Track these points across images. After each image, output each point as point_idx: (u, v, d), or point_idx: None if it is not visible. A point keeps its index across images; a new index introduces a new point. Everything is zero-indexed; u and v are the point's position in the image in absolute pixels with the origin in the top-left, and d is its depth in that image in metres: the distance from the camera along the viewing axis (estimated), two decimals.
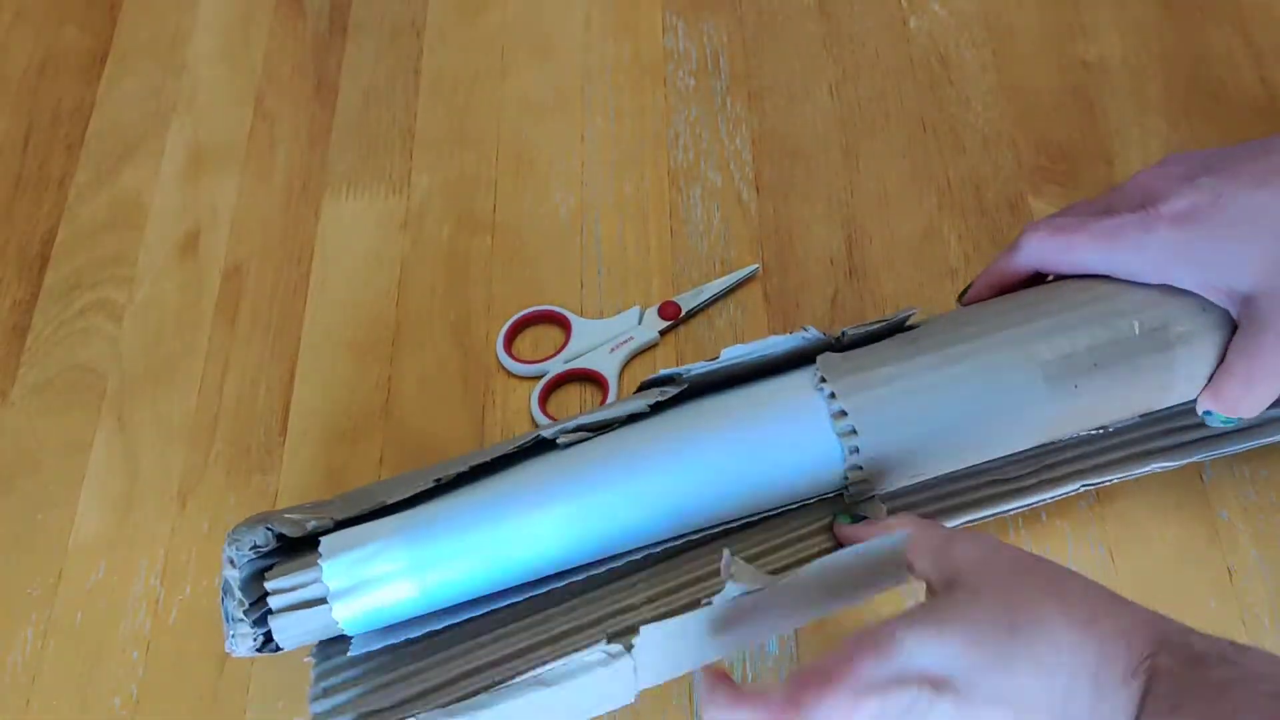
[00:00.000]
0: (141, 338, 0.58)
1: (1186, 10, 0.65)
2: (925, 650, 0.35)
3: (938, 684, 0.35)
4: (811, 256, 0.59)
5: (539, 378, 0.56)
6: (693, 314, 0.57)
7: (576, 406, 0.55)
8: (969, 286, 0.50)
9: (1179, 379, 0.46)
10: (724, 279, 0.58)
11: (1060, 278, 0.48)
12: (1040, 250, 0.47)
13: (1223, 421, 0.46)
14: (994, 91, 0.63)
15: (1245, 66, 0.63)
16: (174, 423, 0.56)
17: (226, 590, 0.43)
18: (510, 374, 0.56)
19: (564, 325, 0.57)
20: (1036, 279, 0.49)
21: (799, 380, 0.46)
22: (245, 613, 0.43)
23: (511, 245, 0.60)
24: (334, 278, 0.60)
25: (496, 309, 0.58)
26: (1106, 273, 0.46)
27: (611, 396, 0.55)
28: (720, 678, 0.38)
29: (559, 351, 0.56)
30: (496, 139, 0.64)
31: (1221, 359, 0.45)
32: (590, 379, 0.56)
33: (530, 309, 0.58)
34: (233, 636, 0.43)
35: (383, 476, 0.54)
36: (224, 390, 0.57)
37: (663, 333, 0.57)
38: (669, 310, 0.57)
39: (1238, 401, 0.45)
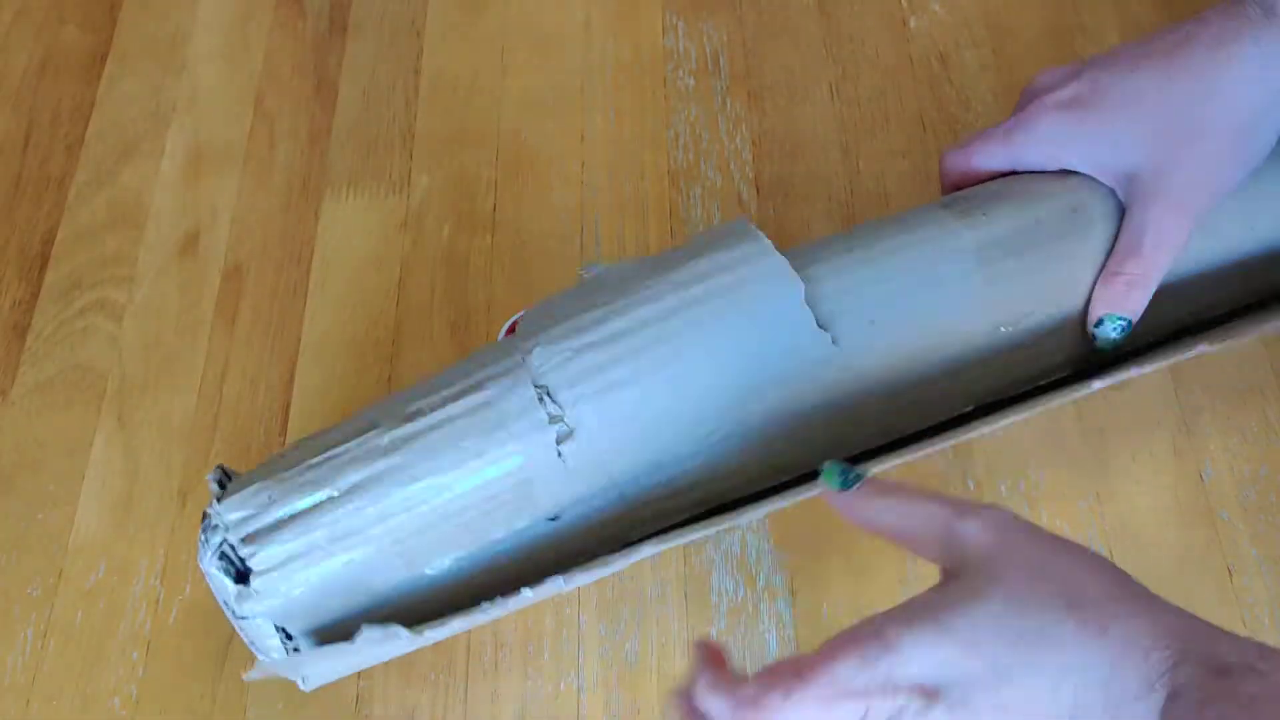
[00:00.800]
0: (141, 337, 0.58)
1: (1185, 8, 0.65)
2: (920, 656, 0.33)
3: (930, 693, 0.32)
4: None
5: None
6: None
7: None
8: None
9: (1096, 254, 0.46)
10: None
11: None
12: (950, 164, 0.50)
13: (1114, 330, 0.46)
14: (994, 91, 0.63)
15: None
16: (174, 422, 0.56)
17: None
18: None
19: None
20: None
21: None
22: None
23: (511, 245, 0.60)
24: (334, 277, 0.60)
25: (496, 309, 0.58)
26: (1010, 168, 0.48)
27: None
28: (713, 657, 0.36)
29: None
30: (496, 139, 0.64)
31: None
32: None
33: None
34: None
35: None
36: (224, 390, 0.57)
37: None
38: None
39: (1128, 289, 0.45)
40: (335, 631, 0.43)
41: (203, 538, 0.42)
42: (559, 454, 0.42)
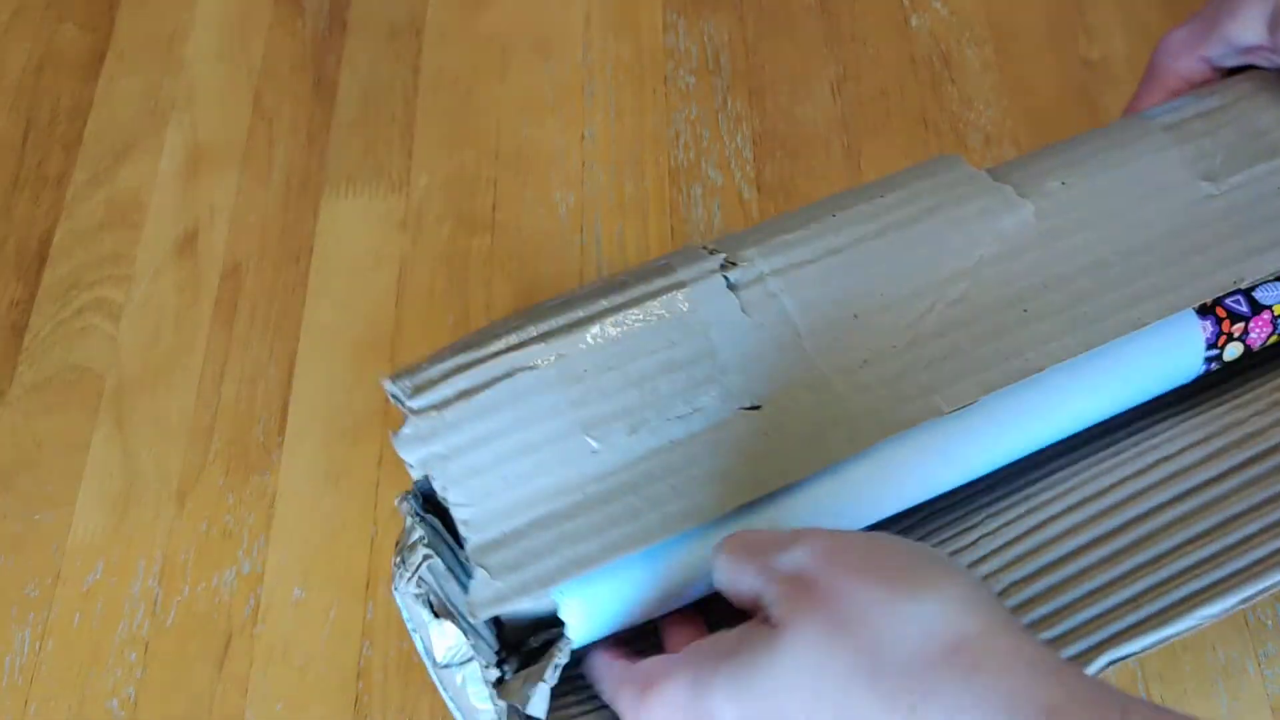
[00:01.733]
0: (140, 337, 0.58)
1: (1189, 9, 0.65)
2: (728, 706, 0.30)
3: None
4: None
5: None
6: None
7: None
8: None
9: None
10: None
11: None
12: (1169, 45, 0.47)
13: None
14: (996, 90, 0.63)
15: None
16: (172, 422, 0.56)
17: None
18: None
19: None
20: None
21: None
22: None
23: (511, 245, 0.60)
24: (333, 277, 0.60)
25: (496, 309, 0.58)
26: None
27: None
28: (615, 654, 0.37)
29: None
30: (496, 138, 0.64)
31: None
32: None
33: None
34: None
35: (381, 477, 0.54)
36: (222, 389, 0.57)
37: None
38: None
39: None
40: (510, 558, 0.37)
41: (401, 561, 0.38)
42: (741, 307, 0.38)
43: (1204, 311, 0.43)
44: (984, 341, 0.39)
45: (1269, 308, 0.43)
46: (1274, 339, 0.44)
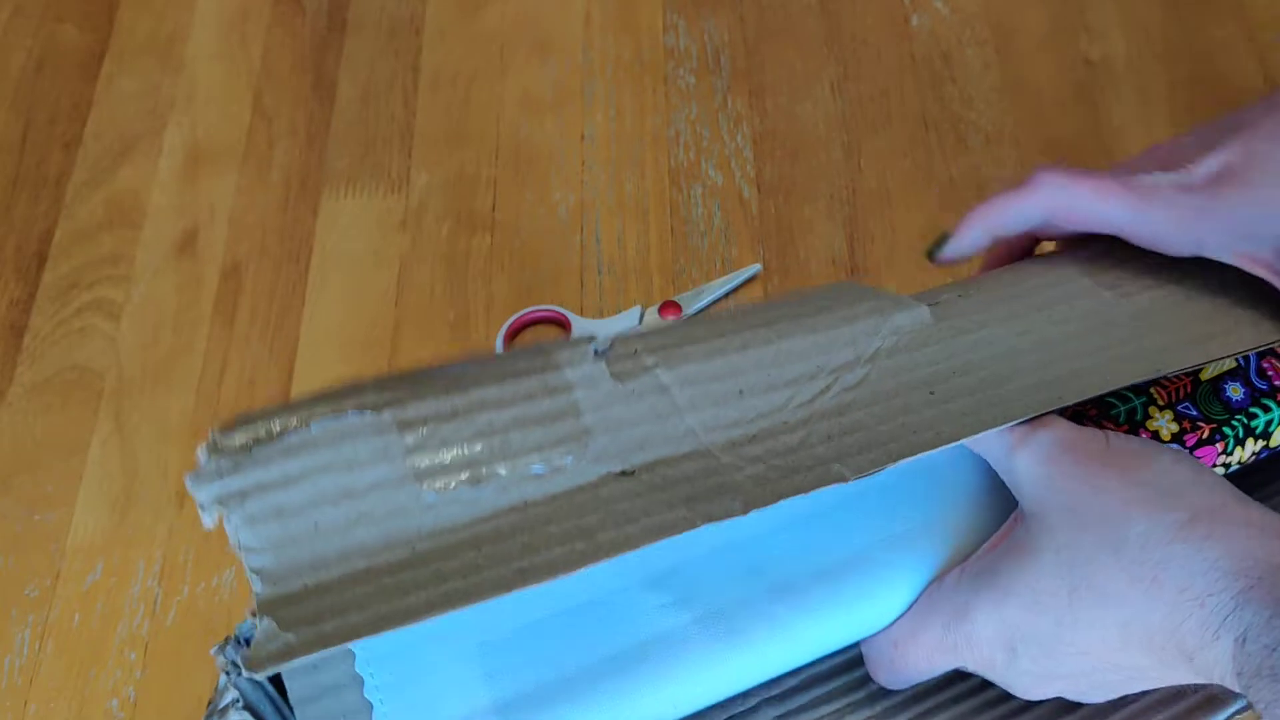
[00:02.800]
0: (139, 337, 0.58)
1: (1189, 8, 0.65)
2: (991, 619, 0.34)
3: (1010, 647, 0.34)
4: (813, 256, 0.58)
5: None
6: (694, 314, 0.57)
7: None
8: (942, 238, 0.42)
9: None
10: (725, 279, 0.57)
11: (1064, 245, 0.44)
12: (1058, 195, 0.40)
13: None
14: (997, 89, 0.63)
15: (1248, 64, 0.63)
16: (172, 422, 0.56)
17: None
18: None
19: (564, 325, 0.57)
20: (1025, 244, 0.44)
21: None
22: None
23: (511, 245, 0.60)
24: (332, 276, 0.60)
25: (496, 309, 0.58)
26: (1129, 232, 0.40)
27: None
28: None
29: None
30: (496, 138, 0.64)
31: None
32: None
33: (530, 309, 0.57)
34: None
35: None
36: (222, 389, 0.56)
37: None
38: (670, 310, 0.57)
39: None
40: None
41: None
42: (611, 374, 0.34)
43: None
44: (889, 419, 0.36)
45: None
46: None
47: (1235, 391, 0.42)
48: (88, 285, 0.60)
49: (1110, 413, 0.40)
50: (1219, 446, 0.42)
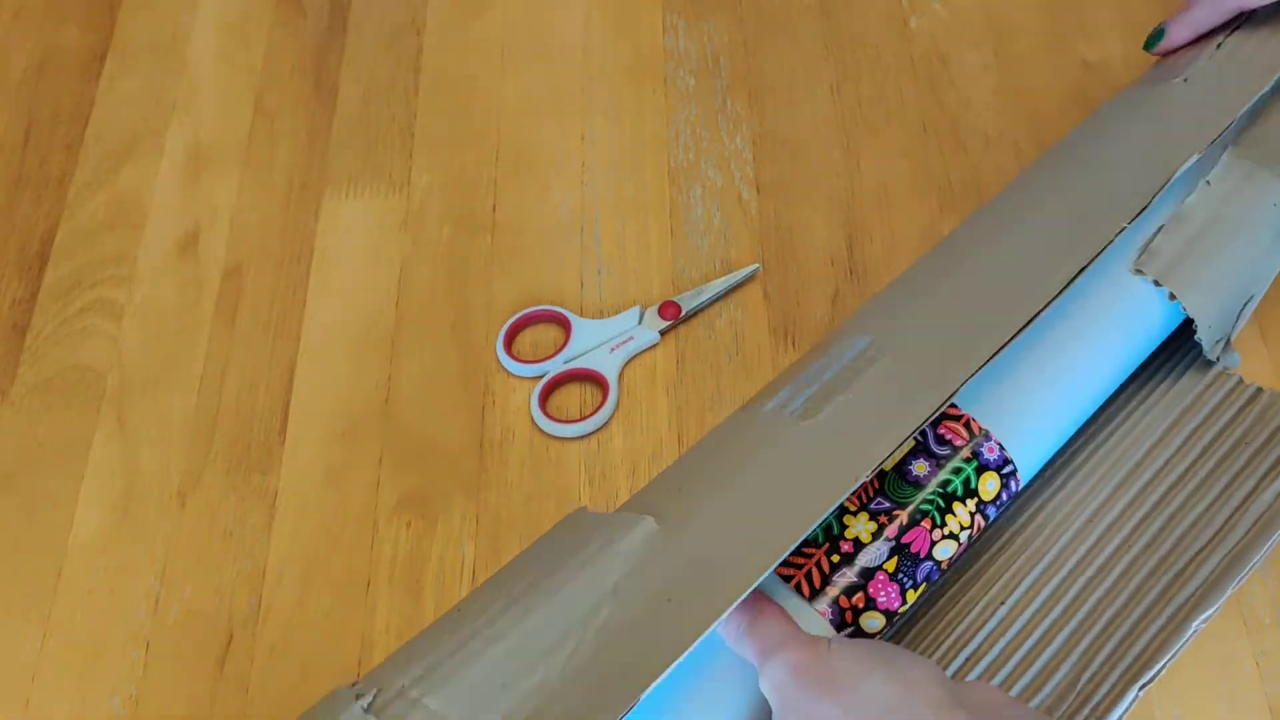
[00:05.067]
0: (141, 337, 0.58)
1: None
2: None
3: None
4: (812, 256, 0.59)
5: (539, 378, 0.56)
6: (693, 314, 0.57)
7: (576, 407, 0.55)
8: (1158, 34, 0.54)
9: None
10: (724, 279, 0.58)
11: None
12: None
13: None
14: (995, 92, 0.63)
15: None
16: (174, 422, 0.56)
17: None
18: (510, 374, 0.56)
19: (564, 325, 0.57)
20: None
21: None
22: None
23: (511, 245, 0.60)
24: (334, 277, 0.60)
25: (496, 309, 0.58)
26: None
27: (611, 396, 0.54)
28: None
29: (559, 351, 0.56)
30: (496, 139, 0.64)
31: None
32: (590, 379, 0.56)
33: (530, 309, 0.58)
34: None
35: (382, 477, 0.54)
36: (224, 389, 0.57)
37: (663, 333, 0.57)
38: (669, 310, 0.57)
39: None
40: None
41: None
42: None
43: (814, 596, 0.42)
44: (636, 637, 0.39)
45: (879, 568, 0.42)
46: (910, 594, 0.43)
47: (920, 468, 0.43)
48: (89, 285, 0.60)
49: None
50: (925, 524, 0.42)
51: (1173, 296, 0.47)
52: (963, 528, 0.43)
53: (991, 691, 0.37)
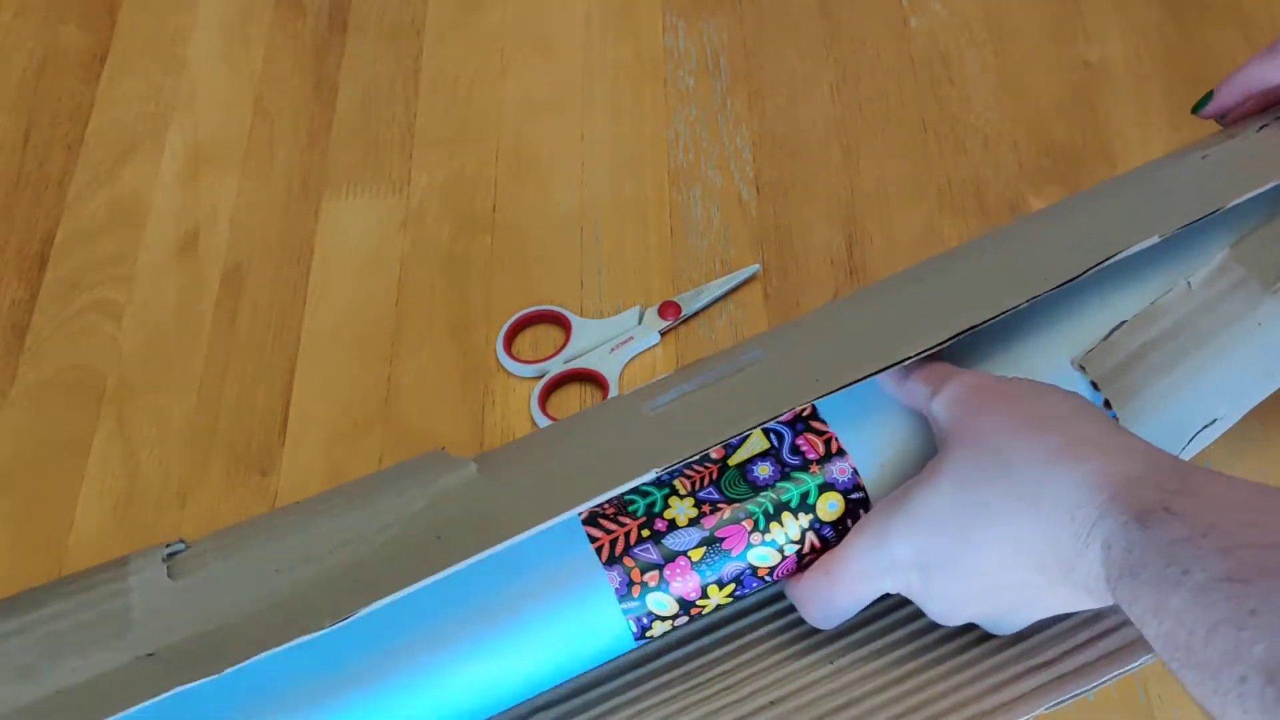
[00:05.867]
0: (141, 337, 0.58)
1: (1187, 10, 0.65)
2: (904, 543, 0.39)
3: (924, 567, 0.38)
4: (812, 256, 0.59)
5: (539, 378, 0.56)
6: (693, 314, 0.57)
7: (576, 407, 0.55)
8: (1207, 96, 0.49)
9: None
10: (724, 279, 0.58)
11: None
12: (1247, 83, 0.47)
13: None
14: (995, 91, 0.63)
15: None
16: (173, 422, 0.56)
17: None
18: (510, 374, 0.56)
19: (564, 325, 0.57)
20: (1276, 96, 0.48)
21: None
22: None
23: (511, 245, 0.60)
24: (334, 277, 0.60)
25: (496, 309, 0.58)
26: None
27: (611, 397, 0.54)
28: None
29: (559, 351, 0.56)
30: (496, 139, 0.64)
31: None
32: (590, 379, 0.56)
33: (530, 309, 0.58)
34: None
35: None
36: (224, 390, 0.57)
37: (663, 333, 0.57)
38: (669, 310, 0.57)
39: None
40: None
41: None
42: (169, 573, 0.42)
43: (610, 562, 0.41)
44: (399, 562, 0.41)
45: (683, 553, 0.42)
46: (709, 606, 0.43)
47: (764, 470, 0.43)
48: (89, 285, 0.60)
49: (629, 509, 0.43)
50: (745, 525, 0.42)
51: (1109, 404, 0.42)
52: (790, 541, 0.42)
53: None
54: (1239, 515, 0.31)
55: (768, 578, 0.43)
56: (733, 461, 0.43)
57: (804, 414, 0.44)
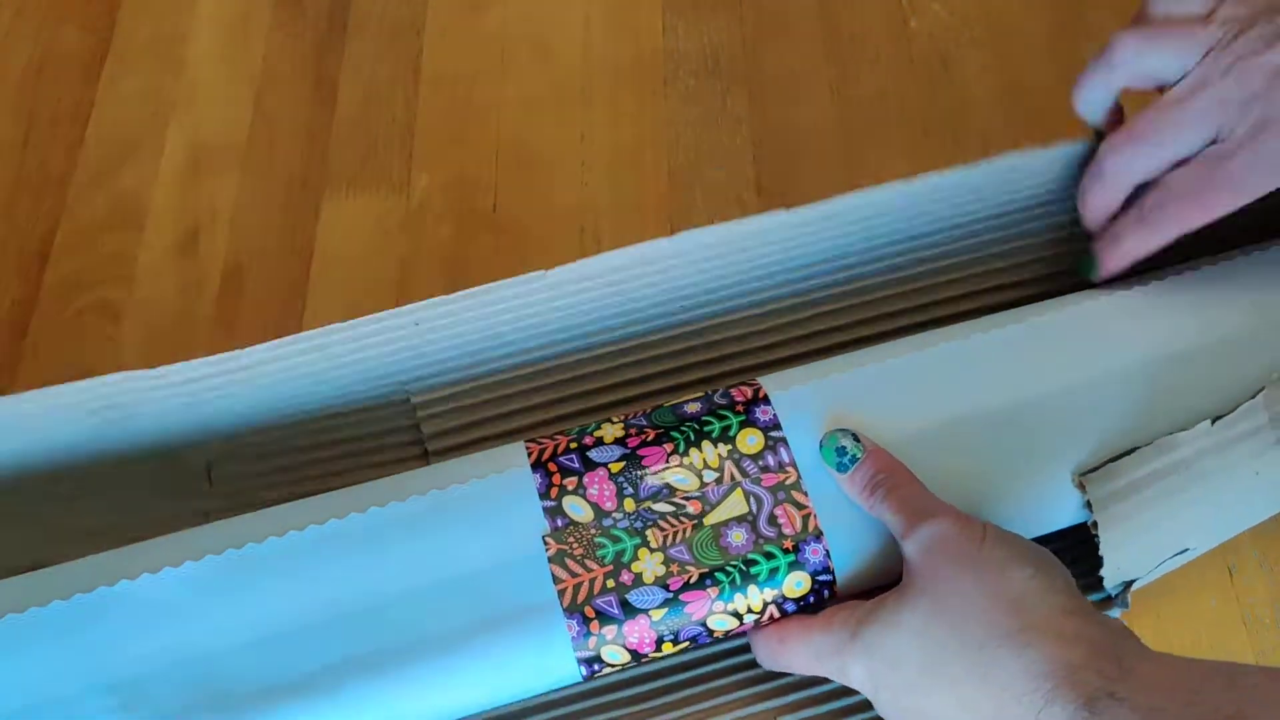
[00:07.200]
0: (141, 337, 0.58)
1: None
2: (860, 664, 0.40)
3: (875, 688, 0.40)
4: None
5: None
6: None
7: None
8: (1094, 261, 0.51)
9: None
10: None
11: None
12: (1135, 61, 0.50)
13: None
14: (995, 92, 0.63)
15: None
16: None
17: None
18: None
19: None
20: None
21: None
22: None
23: (511, 245, 0.60)
24: (334, 277, 0.60)
25: None
26: None
27: None
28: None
29: None
30: (497, 139, 0.64)
31: None
32: None
33: None
34: None
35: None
36: None
37: None
38: None
39: None
40: None
41: None
42: None
43: (571, 609, 0.42)
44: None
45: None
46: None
47: (738, 538, 0.43)
48: (89, 286, 0.60)
49: (598, 553, 0.42)
50: (711, 593, 0.42)
51: (1095, 527, 0.42)
52: (751, 611, 0.42)
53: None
54: (1177, 694, 0.34)
55: (722, 639, 0.44)
56: (708, 520, 0.43)
57: (787, 481, 0.43)
